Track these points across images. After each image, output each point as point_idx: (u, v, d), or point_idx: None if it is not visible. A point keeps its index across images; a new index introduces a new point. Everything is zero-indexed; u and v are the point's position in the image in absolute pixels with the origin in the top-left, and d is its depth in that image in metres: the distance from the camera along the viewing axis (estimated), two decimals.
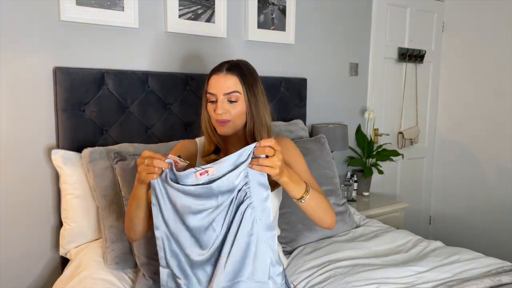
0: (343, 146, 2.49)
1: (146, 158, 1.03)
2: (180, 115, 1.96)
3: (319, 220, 1.21)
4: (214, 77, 1.20)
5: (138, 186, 1.10)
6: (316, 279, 1.51)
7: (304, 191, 1.12)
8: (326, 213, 1.20)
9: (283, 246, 1.75)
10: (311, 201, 1.14)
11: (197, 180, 1.03)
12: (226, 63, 1.22)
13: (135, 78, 1.83)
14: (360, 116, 2.85)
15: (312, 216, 1.19)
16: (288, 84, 2.33)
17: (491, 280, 1.43)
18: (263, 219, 1.06)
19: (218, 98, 1.18)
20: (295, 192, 1.12)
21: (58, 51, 1.70)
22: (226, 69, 1.19)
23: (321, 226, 1.23)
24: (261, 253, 1.06)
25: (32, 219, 1.71)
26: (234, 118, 1.19)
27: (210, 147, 1.28)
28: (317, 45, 2.54)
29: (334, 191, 1.98)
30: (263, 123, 1.22)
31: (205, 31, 2.04)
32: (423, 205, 3.36)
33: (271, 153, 1.00)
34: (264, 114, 1.23)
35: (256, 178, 1.05)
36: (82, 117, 1.72)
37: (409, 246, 1.81)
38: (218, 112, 1.18)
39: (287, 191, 1.12)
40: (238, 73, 1.19)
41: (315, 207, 1.17)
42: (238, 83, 1.18)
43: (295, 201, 1.14)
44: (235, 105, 1.19)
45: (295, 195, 1.12)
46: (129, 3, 1.81)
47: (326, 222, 1.22)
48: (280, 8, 2.30)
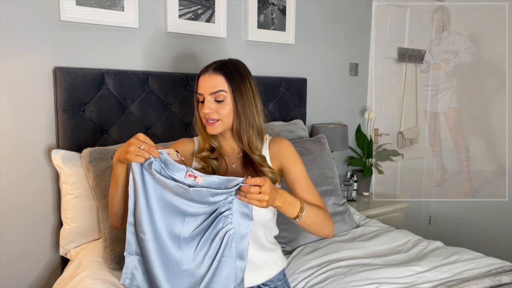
0: (343, 146, 2.49)
1: (144, 144, 1.04)
2: (180, 115, 1.96)
3: (316, 233, 1.24)
4: (202, 77, 1.21)
5: (118, 165, 1.10)
6: (316, 279, 1.51)
7: (298, 210, 1.14)
8: (323, 227, 1.22)
9: (283, 246, 1.75)
10: (307, 220, 1.16)
11: (183, 179, 1.06)
12: (214, 63, 1.23)
13: (135, 78, 1.83)
14: (360, 116, 2.85)
15: (308, 230, 1.22)
16: (288, 84, 2.33)
17: (491, 280, 1.43)
18: (238, 247, 1.09)
19: (205, 98, 1.19)
20: (289, 213, 1.14)
21: (58, 51, 1.70)
22: (212, 69, 1.20)
23: (318, 236, 1.27)
24: (224, 279, 1.09)
25: (32, 219, 1.71)
26: (223, 117, 1.19)
27: (205, 145, 1.29)
28: (317, 45, 2.54)
29: (334, 191, 1.98)
30: (251, 123, 1.21)
31: (205, 31, 2.04)
32: (423, 205, 3.36)
33: (257, 191, 1.02)
34: (253, 114, 1.22)
35: (240, 208, 1.08)
36: (82, 117, 1.72)
37: (409, 246, 1.81)
38: (204, 111, 1.19)
39: (283, 213, 1.14)
40: (224, 72, 1.19)
41: (310, 224, 1.19)
42: (224, 82, 1.19)
43: (291, 219, 1.16)
44: (222, 105, 1.19)
45: (289, 215, 1.15)
46: (129, 3, 1.81)
47: (323, 234, 1.25)
48: (280, 8, 2.30)
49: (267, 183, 1.03)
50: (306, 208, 1.15)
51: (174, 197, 1.08)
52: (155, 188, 1.07)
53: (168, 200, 1.08)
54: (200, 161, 1.27)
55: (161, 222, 1.08)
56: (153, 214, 1.07)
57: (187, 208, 1.08)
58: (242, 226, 1.08)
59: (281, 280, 1.32)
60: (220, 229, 1.08)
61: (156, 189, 1.07)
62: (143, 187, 1.06)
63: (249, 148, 1.23)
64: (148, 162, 1.05)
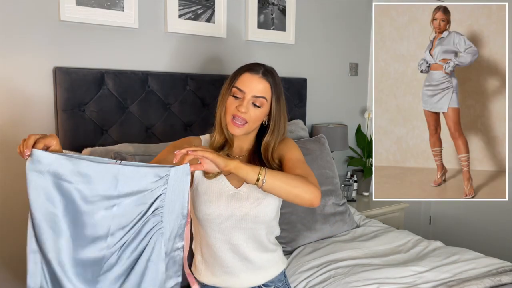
0: (343, 146, 2.49)
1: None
2: (180, 115, 1.95)
3: (295, 198, 1.09)
4: (248, 75, 1.19)
5: None
6: (316, 279, 1.51)
7: (258, 170, 1.04)
8: (300, 188, 1.08)
9: (283, 246, 1.74)
10: (274, 180, 1.05)
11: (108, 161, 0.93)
12: (262, 66, 1.22)
13: (135, 78, 1.83)
14: (360, 116, 2.85)
15: (286, 196, 1.08)
16: (288, 84, 2.33)
17: (491, 280, 1.43)
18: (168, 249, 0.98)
19: (246, 97, 1.17)
20: (250, 174, 1.03)
21: (58, 51, 1.70)
22: (262, 73, 1.19)
23: (303, 205, 1.11)
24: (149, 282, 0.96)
25: None
26: (251, 121, 1.19)
27: (220, 139, 1.25)
28: (317, 45, 2.54)
29: (334, 191, 1.98)
30: (280, 133, 1.25)
31: (205, 31, 2.04)
32: (423, 205, 3.36)
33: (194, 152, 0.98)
34: (284, 125, 1.25)
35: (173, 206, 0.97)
36: (82, 117, 1.72)
37: (409, 246, 1.81)
38: (241, 110, 1.16)
39: (244, 178, 1.05)
40: (272, 80, 1.20)
41: (282, 185, 1.06)
42: (268, 91, 1.19)
43: (257, 186, 1.05)
44: (256, 110, 1.19)
45: (252, 177, 1.03)
46: (129, 3, 1.81)
47: (305, 198, 1.08)
48: (280, 8, 2.30)
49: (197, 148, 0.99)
50: (268, 170, 1.06)
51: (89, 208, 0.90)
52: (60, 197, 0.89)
53: (79, 210, 0.90)
54: None
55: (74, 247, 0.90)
56: (60, 234, 0.89)
57: (110, 217, 0.92)
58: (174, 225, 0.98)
59: (282, 280, 1.32)
60: (150, 229, 0.96)
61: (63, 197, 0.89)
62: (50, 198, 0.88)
63: (271, 156, 1.24)
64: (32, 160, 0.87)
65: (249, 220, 1.19)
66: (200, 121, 2.00)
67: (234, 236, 1.20)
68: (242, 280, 1.23)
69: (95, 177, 0.91)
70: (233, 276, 1.23)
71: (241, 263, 1.22)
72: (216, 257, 1.22)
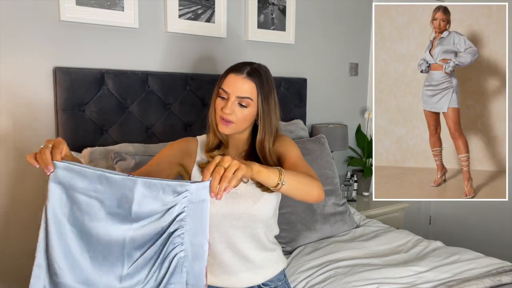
0: (343, 146, 2.49)
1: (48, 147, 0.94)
2: (180, 115, 1.96)
3: (306, 195, 1.11)
4: (232, 76, 1.18)
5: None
6: (316, 279, 1.51)
7: (279, 172, 1.02)
8: (310, 186, 1.10)
9: (283, 246, 1.74)
10: (291, 181, 1.04)
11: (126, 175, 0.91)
12: (248, 65, 1.20)
13: (135, 78, 1.83)
14: (360, 116, 2.85)
15: (298, 194, 1.09)
16: (288, 84, 2.33)
17: (491, 280, 1.43)
18: (190, 273, 0.92)
19: (230, 98, 1.17)
20: (271, 178, 1.01)
21: (58, 51, 1.70)
22: (246, 73, 1.18)
23: (311, 201, 1.14)
24: None
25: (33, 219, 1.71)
26: (238, 121, 1.18)
27: (214, 140, 1.26)
28: (317, 45, 2.54)
29: (334, 191, 1.98)
30: (272, 132, 1.24)
31: (205, 31, 2.04)
32: (423, 205, 3.36)
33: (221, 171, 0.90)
34: (275, 123, 1.24)
35: (194, 227, 0.91)
36: (82, 117, 1.72)
37: (409, 246, 1.81)
38: (225, 111, 1.17)
39: (265, 182, 1.02)
40: (257, 80, 1.18)
41: (298, 185, 1.06)
42: (254, 91, 1.18)
43: (275, 189, 1.03)
44: (243, 110, 1.18)
45: (273, 181, 1.01)
46: (129, 3, 1.81)
47: (314, 194, 1.11)
48: (280, 8, 2.30)
49: (223, 157, 0.92)
50: (286, 170, 1.05)
51: (102, 225, 0.88)
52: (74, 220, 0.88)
53: (93, 232, 0.87)
54: (209, 157, 1.27)
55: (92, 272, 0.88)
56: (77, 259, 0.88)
57: (126, 234, 0.88)
58: (196, 247, 0.92)
59: (281, 280, 1.32)
60: (170, 251, 0.91)
61: (75, 220, 0.88)
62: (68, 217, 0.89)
63: (269, 155, 1.23)
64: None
65: (247, 218, 1.19)
66: (200, 121, 2.00)
67: (232, 235, 1.20)
68: (242, 279, 1.23)
69: (111, 192, 0.90)
70: (233, 276, 1.23)
71: (240, 262, 1.22)
72: (215, 256, 1.21)
